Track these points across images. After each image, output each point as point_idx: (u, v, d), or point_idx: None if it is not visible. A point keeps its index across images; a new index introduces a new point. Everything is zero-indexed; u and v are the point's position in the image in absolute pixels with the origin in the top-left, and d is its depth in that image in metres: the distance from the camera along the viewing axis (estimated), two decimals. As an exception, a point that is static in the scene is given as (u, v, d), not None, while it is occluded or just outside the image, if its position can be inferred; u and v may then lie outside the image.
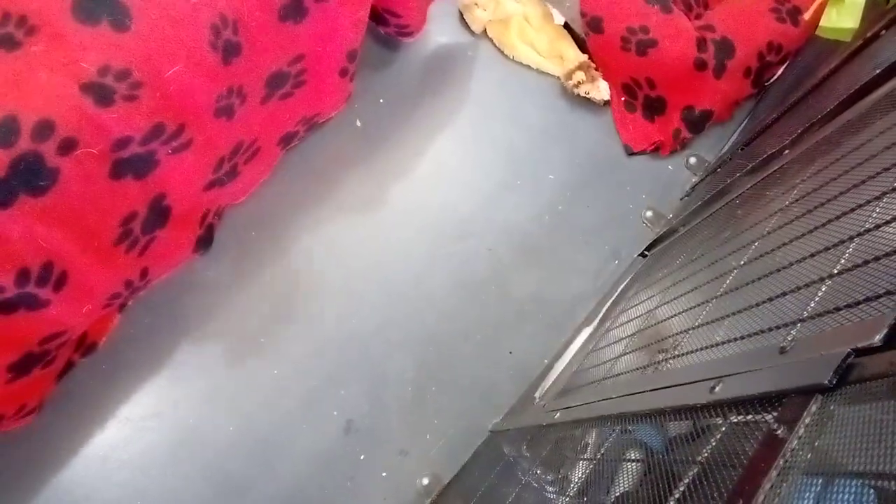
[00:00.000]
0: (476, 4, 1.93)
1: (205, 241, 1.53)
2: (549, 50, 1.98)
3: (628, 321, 1.47)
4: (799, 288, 0.79)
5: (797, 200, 1.07)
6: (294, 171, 1.68)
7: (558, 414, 1.24)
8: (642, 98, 1.97)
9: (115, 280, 1.28)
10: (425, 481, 1.56)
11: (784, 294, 0.81)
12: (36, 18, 1.06)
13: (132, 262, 1.30)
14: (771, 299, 0.85)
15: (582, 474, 1.14)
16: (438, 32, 1.95)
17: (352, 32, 1.46)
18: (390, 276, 1.71)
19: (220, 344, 1.56)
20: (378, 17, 1.64)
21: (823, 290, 0.73)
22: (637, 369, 1.19)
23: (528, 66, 2.01)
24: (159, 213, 1.29)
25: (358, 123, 1.78)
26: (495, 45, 2.01)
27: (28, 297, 1.09)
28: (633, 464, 1.04)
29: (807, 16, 1.89)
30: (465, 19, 1.99)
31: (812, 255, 0.81)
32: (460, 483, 1.56)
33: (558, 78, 1.99)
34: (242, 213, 1.62)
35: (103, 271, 1.22)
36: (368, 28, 1.51)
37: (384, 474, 1.56)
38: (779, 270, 0.88)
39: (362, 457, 1.56)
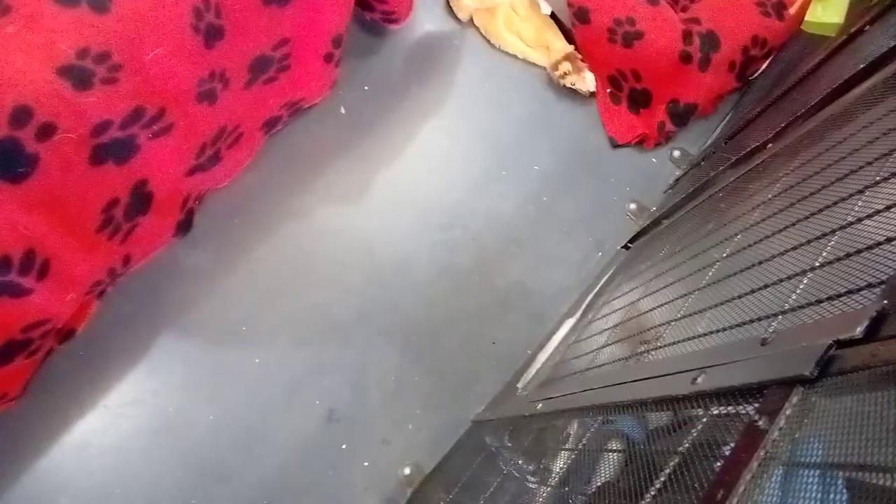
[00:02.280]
0: (461, -8, 1.91)
1: (185, 226, 1.51)
2: (535, 40, 1.98)
3: (611, 312, 1.48)
4: (781, 280, 0.79)
5: (780, 194, 1.09)
6: (278, 156, 1.66)
7: (540, 404, 1.25)
8: (628, 90, 1.98)
9: (98, 267, 1.26)
10: (407, 471, 1.57)
11: (766, 286, 0.82)
12: (16, 1, 1.04)
13: (115, 249, 1.28)
14: (753, 291, 0.85)
15: (563, 464, 1.15)
16: (425, 20, 1.94)
17: (337, 17, 1.44)
18: (374, 265, 1.70)
19: (202, 332, 1.55)
20: (364, 2, 1.62)
21: (805, 282, 0.74)
22: (619, 360, 1.20)
23: (515, 56, 2.01)
24: (141, 199, 1.27)
25: (342, 110, 1.77)
26: (481, 34, 1.99)
27: (10, 285, 1.07)
28: (615, 454, 1.05)
29: (792, 10, 1.91)
30: (451, 7, 1.97)
31: (794, 248, 0.82)
32: (442, 473, 1.57)
33: (544, 68, 1.99)
34: (225, 199, 1.60)
35: (86, 259, 1.20)
36: (354, 14, 1.49)
37: (366, 463, 1.56)
38: (761, 263, 0.89)
39: (344, 446, 1.56)
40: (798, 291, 0.74)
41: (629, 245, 1.87)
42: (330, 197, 1.70)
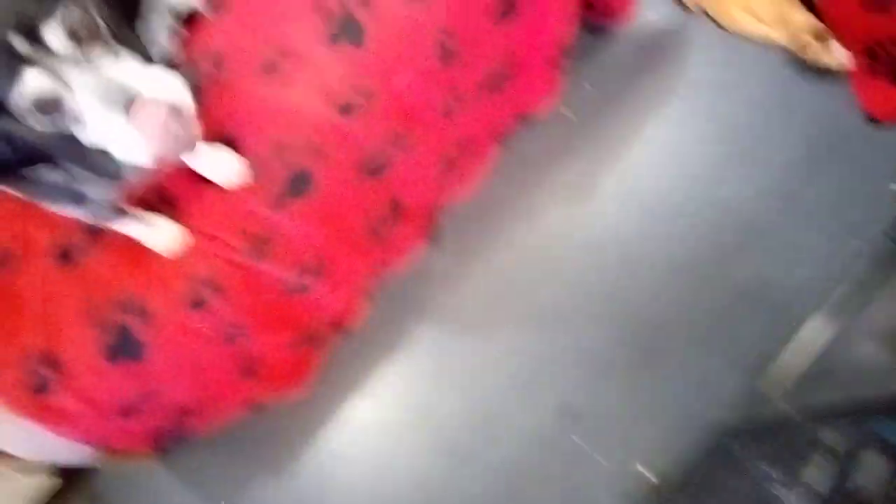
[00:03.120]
0: (691, -20, 1.84)
1: (432, 233, 1.67)
2: (773, 17, 1.82)
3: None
4: None
5: None
6: (509, 163, 1.76)
7: (788, 407, 1.15)
8: (888, 61, 1.72)
9: (364, 270, 1.47)
10: (643, 471, 1.55)
11: None
12: (294, 47, 1.27)
13: (376, 254, 1.48)
14: None
15: (816, 472, 1.05)
16: (649, 12, 1.89)
17: (562, 25, 1.50)
18: (605, 261, 1.72)
19: (447, 326, 1.70)
20: (587, 4, 1.65)
21: None
22: None
23: (749, 37, 1.87)
24: (396, 210, 1.45)
25: (568, 113, 1.81)
26: (712, 19, 1.89)
27: (300, 285, 1.31)
28: (877, 463, 0.94)
29: None
30: (679, -3, 1.91)
31: None
32: (680, 476, 1.52)
33: (784, 46, 1.82)
34: (464, 206, 1.74)
35: (356, 262, 1.41)
36: (578, 19, 1.53)
37: (600, 459, 1.58)
38: None
39: (577, 440, 1.60)
40: None
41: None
42: (559, 197, 1.76)
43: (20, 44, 0.66)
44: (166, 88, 0.73)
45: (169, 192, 1.25)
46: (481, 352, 1.67)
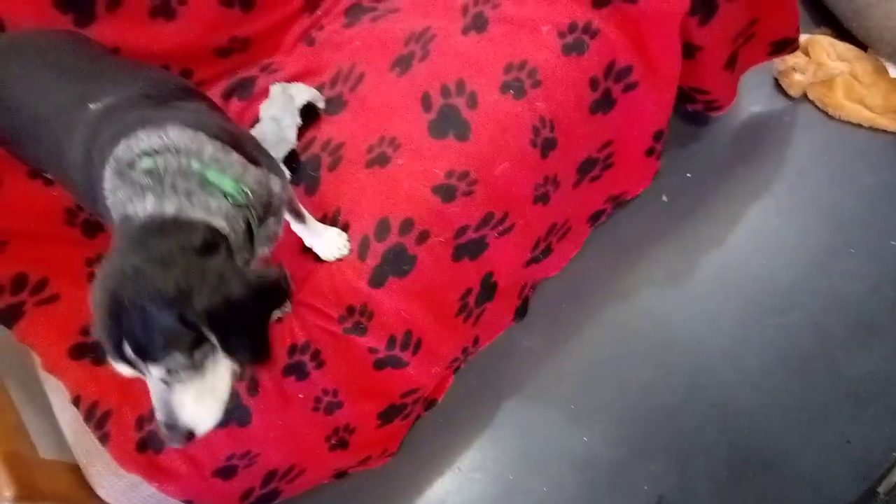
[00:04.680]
0: (794, 69, 1.84)
1: (521, 311, 1.69)
2: (884, 105, 1.78)
3: None
4: None
5: None
6: (602, 245, 1.77)
7: None
8: None
9: (455, 346, 1.50)
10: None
11: None
12: (402, 138, 1.37)
13: (468, 331, 1.51)
14: None
15: None
16: (751, 101, 1.90)
17: (658, 114, 1.52)
18: (701, 349, 1.66)
19: (535, 407, 1.68)
20: (685, 95, 1.67)
21: None
22: None
23: (858, 125, 1.83)
24: (488, 289, 1.49)
25: (664, 198, 1.81)
26: (817, 107, 1.87)
27: (394, 359, 1.36)
28: None
29: None
30: (780, 84, 1.90)
31: None
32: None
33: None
34: (555, 286, 1.75)
35: (447, 339, 1.44)
36: (675, 106, 1.55)
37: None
38: None
39: (676, 536, 1.52)
40: None
41: None
42: (654, 281, 1.74)
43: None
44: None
45: (280, 264, 1.34)
46: (571, 435, 1.64)
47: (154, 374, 0.81)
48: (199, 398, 0.85)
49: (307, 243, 1.31)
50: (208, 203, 0.86)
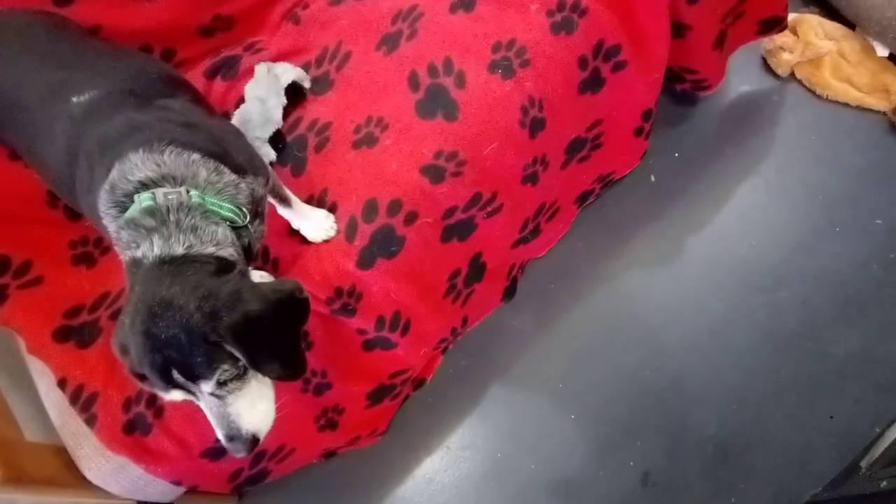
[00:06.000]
0: (782, 48, 1.83)
1: (510, 292, 1.69)
2: (871, 84, 1.78)
3: None
4: None
5: None
6: (590, 226, 1.77)
7: (885, 482, 1.08)
8: None
9: (444, 327, 1.50)
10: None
11: None
12: (389, 118, 1.35)
13: (456, 312, 1.52)
14: None
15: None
16: (739, 81, 1.90)
17: (647, 94, 1.52)
18: (689, 329, 1.68)
19: (524, 386, 1.69)
20: (674, 75, 1.66)
21: None
22: None
23: (846, 105, 1.83)
24: (477, 269, 1.49)
25: (652, 178, 1.81)
26: (805, 87, 1.87)
27: (382, 340, 1.36)
28: None
29: None
30: (768, 64, 1.90)
31: None
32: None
33: (884, 113, 1.78)
34: (543, 266, 1.75)
35: (436, 319, 1.44)
36: (663, 86, 1.55)
37: (682, 534, 1.52)
38: None
39: (659, 511, 1.54)
40: None
41: None
42: (641, 262, 1.75)
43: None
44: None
45: (267, 248, 1.34)
46: (559, 414, 1.65)
47: (205, 391, 0.86)
48: (252, 404, 0.90)
49: (294, 226, 1.30)
50: (215, 234, 0.90)
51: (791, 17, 1.82)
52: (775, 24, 1.66)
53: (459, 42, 1.36)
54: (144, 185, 0.90)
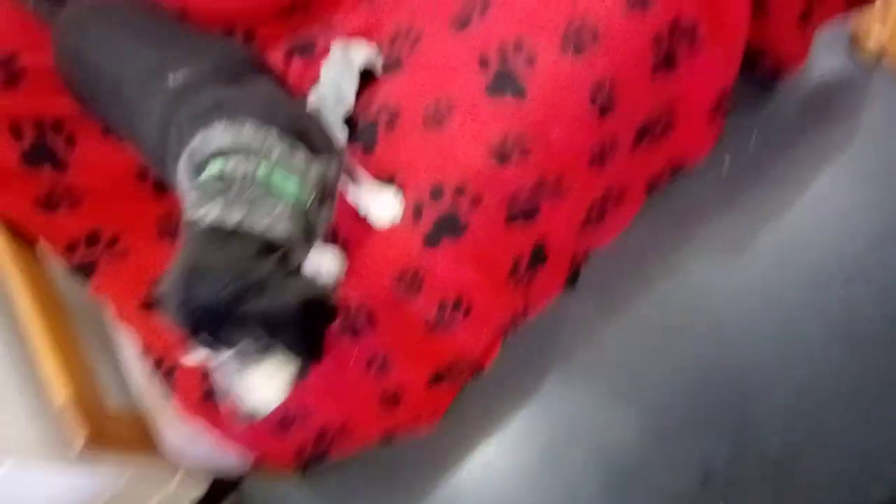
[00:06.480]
0: (872, 26, 1.72)
1: (572, 279, 1.67)
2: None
3: None
4: None
5: None
6: (658, 215, 1.72)
7: None
8: None
9: (505, 313, 1.49)
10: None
11: None
12: (457, 100, 1.35)
13: (518, 298, 1.50)
14: None
15: None
16: (823, 62, 1.80)
17: (722, 76, 1.46)
18: (757, 322, 1.62)
19: (583, 376, 1.68)
20: (752, 56, 1.59)
21: None
22: None
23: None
24: (540, 255, 1.47)
25: (725, 165, 1.75)
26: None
27: (444, 323, 1.37)
28: None
29: None
30: (854, 46, 1.80)
31: None
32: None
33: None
34: (607, 256, 1.71)
35: (497, 304, 1.44)
36: (740, 69, 1.49)
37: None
38: None
39: (720, 508, 1.50)
40: None
41: None
42: (710, 251, 1.69)
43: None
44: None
45: (336, 229, 1.37)
46: (618, 406, 1.62)
47: (225, 359, 0.90)
48: (269, 378, 0.93)
49: (361, 210, 1.32)
50: (273, 209, 0.93)
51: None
52: (865, -2, 1.56)
53: (530, 20, 1.34)
54: (221, 153, 0.94)
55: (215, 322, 0.86)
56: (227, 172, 0.92)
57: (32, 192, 1.38)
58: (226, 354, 0.89)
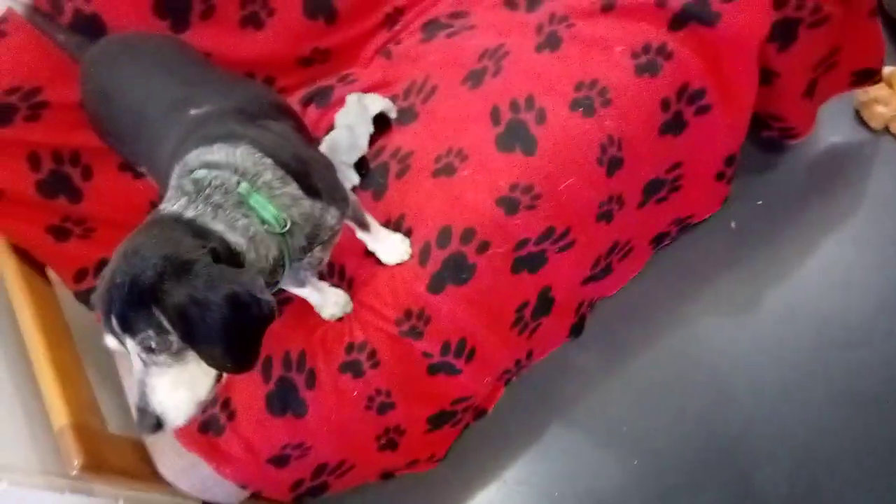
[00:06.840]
0: (876, 101, 1.78)
1: (577, 329, 1.68)
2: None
3: None
4: None
5: None
6: (665, 268, 1.74)
7: None
8: None
9: (508, 358, 1.50)
10: None
11: None
12: (469, 150, 1.39)
13: (522, 344, 1.52)
14: None
15: None
16: (829, 132, 1.84)
17: (731, 139, 1.50)
18: (761, 380, 1.61)
19: (585, 426, 1.66)
20: (761, 121, 1.63)
21: None
22: None
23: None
24: (545, 303, 1.49)
25: (733, 225, 1.77)
26: (899, 141, 1.80)
27: (447, 365, 1.38)
28: None
29: None
30: (861, 116, 1.84)
31: None
32: None
33: None
34: (613, 306, 1.73)
35: (501, 349, 1.45)
36: (750, 132, 1.52)
37: None
38: None
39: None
40: None
41: None
42: (716, 309, 1.70)
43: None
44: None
45: (343, 267, 1.39)
46: (620, 458, 1.61)
47: (132, 350, 0.83)
48: (174, 387, 0.85)
49: (370, 248, 1.35)
50: (234, 220, 0.91)
51: (887, 70, 1.77)
52: (870, 75, 1.61)
53: (543, 80, 1.40)
54: (209, 166, 0.94)
55: (128, 304, 0.79)
56: (205, 179, 0.92)
57: (45, 221, 1.43)
58: (131, 345, 0.83)
